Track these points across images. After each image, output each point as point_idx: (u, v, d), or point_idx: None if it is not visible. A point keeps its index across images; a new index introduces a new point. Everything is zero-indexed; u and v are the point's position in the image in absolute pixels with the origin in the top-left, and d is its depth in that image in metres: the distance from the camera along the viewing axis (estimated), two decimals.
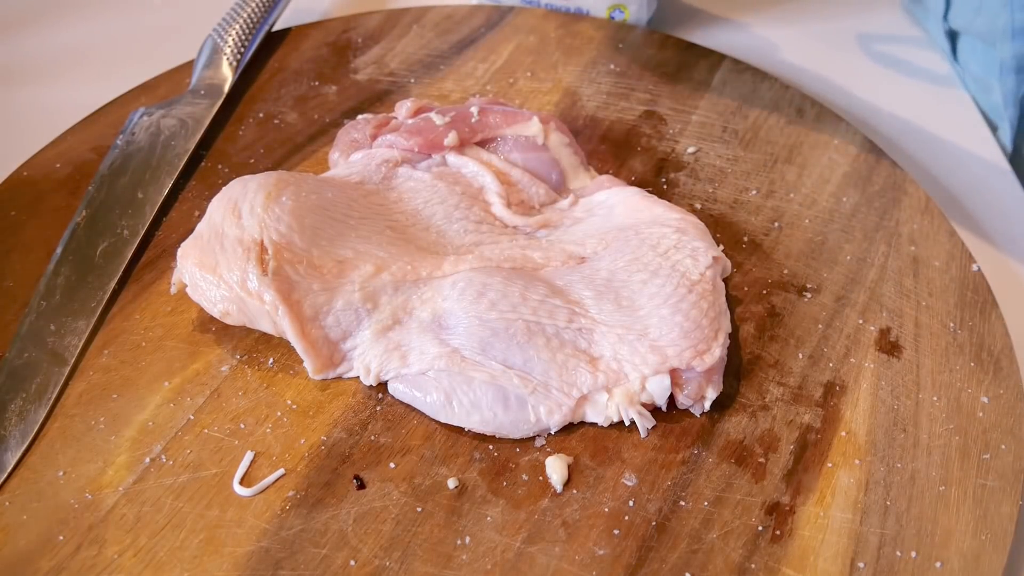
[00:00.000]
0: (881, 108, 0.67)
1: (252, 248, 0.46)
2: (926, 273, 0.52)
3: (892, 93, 0.68)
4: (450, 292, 0.46)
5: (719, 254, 0.48)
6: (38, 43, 0.72)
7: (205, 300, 0.46)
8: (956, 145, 0.64)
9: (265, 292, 0.45)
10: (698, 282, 0.46)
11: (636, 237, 0.49)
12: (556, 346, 0.44)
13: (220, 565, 0.39)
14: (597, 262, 0.49)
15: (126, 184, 0.55)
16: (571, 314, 0.46)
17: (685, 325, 0.44)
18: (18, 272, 0.51)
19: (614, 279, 0.47)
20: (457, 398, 0.43)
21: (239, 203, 0.47)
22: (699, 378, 0.44)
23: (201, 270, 0.46)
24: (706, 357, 0.44)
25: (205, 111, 0.60)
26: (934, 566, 0.40)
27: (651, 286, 0.46)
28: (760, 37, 0.73)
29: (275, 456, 0.43)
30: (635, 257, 0.48)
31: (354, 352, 0.46)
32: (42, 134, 0.59)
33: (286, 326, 0.45)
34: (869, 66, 0.71)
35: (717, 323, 0.45)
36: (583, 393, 0.43)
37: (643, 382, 0.43)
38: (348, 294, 0.46)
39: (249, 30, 0.65)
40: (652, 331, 0.45)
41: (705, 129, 0.61)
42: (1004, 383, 0.46)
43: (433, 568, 0.39)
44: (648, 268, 0.47)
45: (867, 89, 0.69)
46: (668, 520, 0.41)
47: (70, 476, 0.42)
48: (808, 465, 0.43)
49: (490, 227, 0.52)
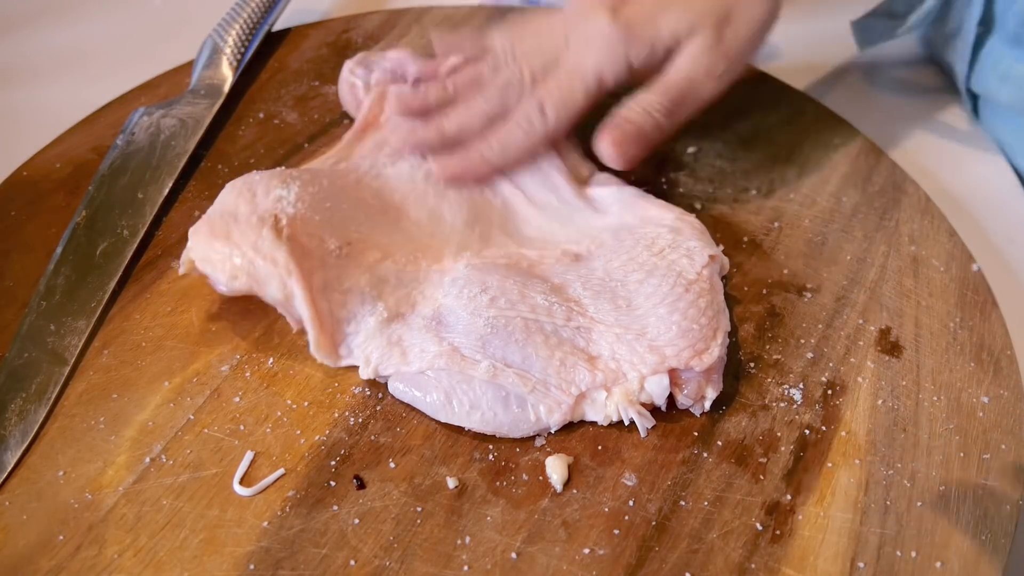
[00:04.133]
0: (881, 108, 0.67)
1: (267, 219, 0.46)
2: (926, 273, 0.52)
3: (892, 93, 0.68)
4: (450, 289, 0.46)
5: (716, 252, 0.48)
6: (38, 43, 0.72)
7: (214, 268, 0.46)
8: (956, 145, 0.64)
9: (278, 253, 0.45)
10: (695, 281, 0.46)
11: (631, 237, 0.49)
12: (554, 344, 0.44)
13: (220, 565, 0.39)
14: (592, 261, 0.49)
15: (126, 184, 0.55)
16: (569, 312, 0.46)
17: (683, 324, 0.44)
18: (18, 272, 0.51)
19: (610, 279, 0.47)
20: (457, 397, 0.43)
21: (253, 186, 0.48)
22: (698, 378, 0.44)
23: (212, 240, 0.46)
24: (704, 357, 0.43)
25: (205, 111, 0.60)
26: (934, 566, 0.40)
27: (647, 285, 0.46)
28: None
29: (275, 456, 0.43)
30: (631, 257, 0.48)
31: (356, 339, 0.46)
32: (42, 134, 0.59)
33: (296, 290, 0.45)
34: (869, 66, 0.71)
35: (715, 322, 0.45)
36: (581, 391, 0.43)
37: (642, 382, 0.43)
38: (356, 277, 0.47)
39: (249, 30, 0.65)
40: (650, 331, 0.45)
41: (705, 129, 0.61)
42: (1004, 383, 0.46)
43: (433, 568, 0.39)
44: (644, 268, 0.47)
45: (867, 89, 0.69)
46: (668, 520, 0.41)
47: (70, 476, 0.42)
48: (808, 465, 0.43)
49: (487, 221, 0.52)
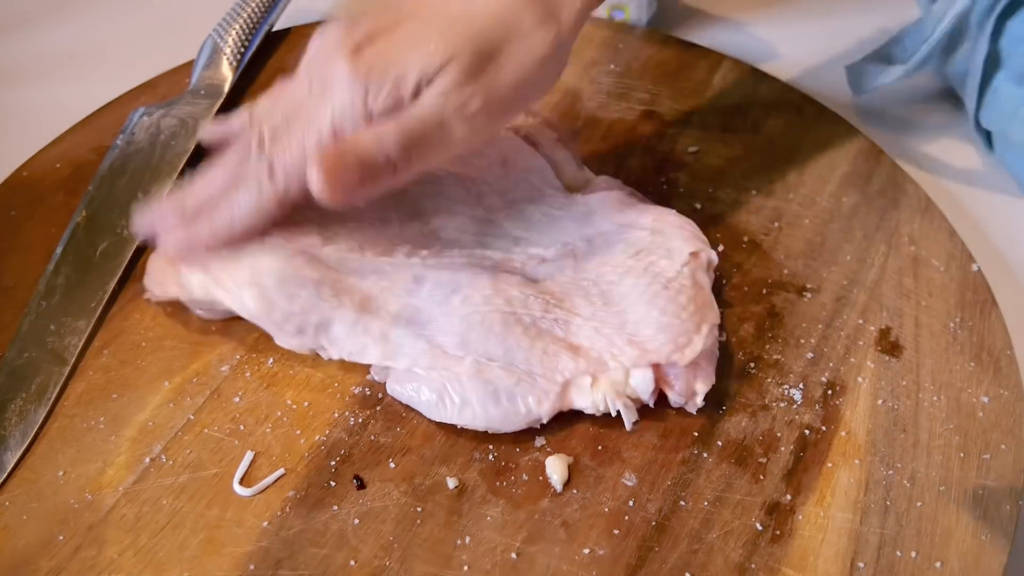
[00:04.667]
0: (882, 108, 0.67)
1: None
2: (926, 273, 0.52)
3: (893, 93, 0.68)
4: (415, 288, 0.46)
5: (700, 248, 0.48)
6: (38, 43, 0.72)
7: (166, 290, 0.47)
8: (956, 145, 0.64)
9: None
10: (674, 279, 0.46)
11: (605, 243, 0.49)
12: (534, 335, 0.44)
13: (220, 565, 0.39)
14: (561, 262, 0.48)
15: (126, 184, 0.55)
16: (545, 304, 0.45)
17: (662, 320, 0.44)
18: (18, 272, 0.51)
19: (582, 278, 0.47)
20: (448, 395, 0.43)
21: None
22: (685, 373, 0.44)
23: (162, 265, 0.47)
24: (687, 351, 0.43)
25: (205, 111, 0.60)
26: (934, 566, 0.40)
27: (623, 285, 0.46)
28: (760, 37, 0.73)
29: (275, 456, 0.43)
30: (602, 260, 0.48)
31: (325, 329, 0.45)
32: (42, 134, 0.59)
33: (218, 290, 0.45)
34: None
35: (699, 316, 0.45)
36: (566, 378, 0.43)
37: (627, 374, 0.43)
38: (298, 267, 0.45)
39: (249, 30, 0.65)
40: (628, 326, 0.45)
41: (705, 129, 0.61)
42: (1004, 383, 0.46)
43: (433, 568, 0.39)
44: (617, 270, 0.47)
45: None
46: (668, 520, 0.41)
47: (70, 476, 0.42)
48: (808, 465, 0.43)
49: (447, 216, 0.50)
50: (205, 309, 0.48)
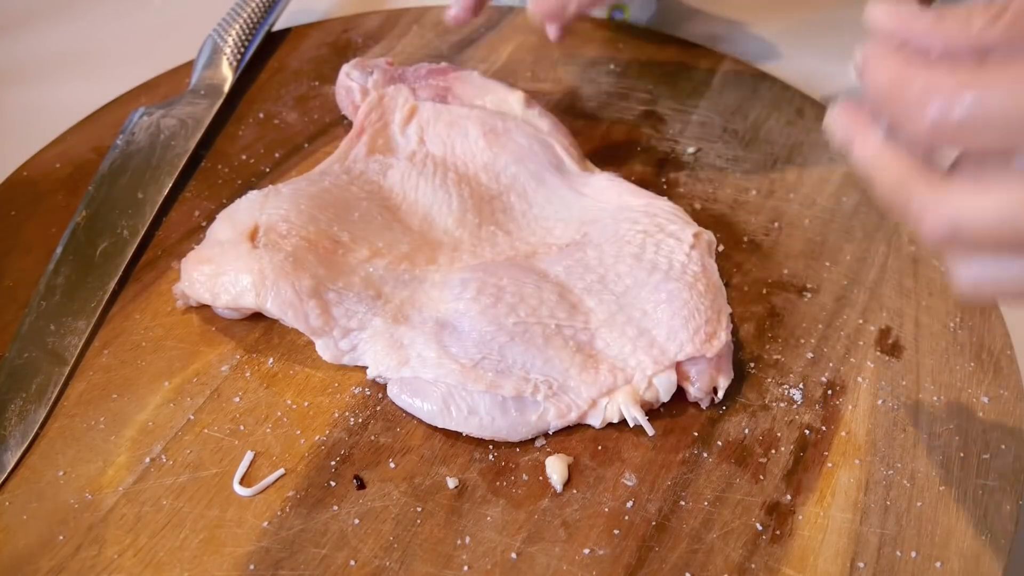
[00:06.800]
0: None
1: (245, 232, 0.47)
2: (926, 273, 0.52)
3: None
4: (461, 293, 0.46)
5: (698, 229, 0.49)
6: (38, 43, 0.72)
7: (201, 290, 0.47)
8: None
9: (255, 262, 0.46)
10: (686, 265, 0.47)
11: (614, 225, 0.50)
12: (573, 348, 0.45)
13: (220, 565, 0.39)
14: (580, 252, 0.49)
15: (126, 184, 0.55)
16: (579, 314, 0.46)
17: (684, 313, 0.45)
18: (18, 272, 0.51)
19: (605, 271, 0.47)
20: (455, 403, 0.43)
21: (235, 211, 0.49)
22: (709, 368, 0.44)
23: (198, 265, 0.47)
24: (715, 341, 0.44)
25: (205, 111, 0.60)
26: (934, 566, 0.40)
27: (640, 275, 0.47)
28: (760, 37, 0.73)
29: (275, 456, 0.43)
30: (619, 248, 0.49)
31: (360, 337, 0.46)
32: (42, 134, 0.59)
33: (273, 296, 0.45)
34: None
35: (717, 303, 0.46)
36: (602, 392, 0.43)
37: (650, 381, 0.43)
38: (347, 275, 0.47)
39: (249, 30, 0.65)
40: (656, 329, 0.45)
41: (705, 129, 0.61)
42: (1004, 383, 0.46)
43: (433, 568, 0.39)
44: (634, 257, 0.48)
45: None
46: (668, 520, 0.41)
47: (70, 476, 0.42)
48: (808, 465, 0.43)
49: (476, 214, 0.52)
50: (232, 309, 0.48)
